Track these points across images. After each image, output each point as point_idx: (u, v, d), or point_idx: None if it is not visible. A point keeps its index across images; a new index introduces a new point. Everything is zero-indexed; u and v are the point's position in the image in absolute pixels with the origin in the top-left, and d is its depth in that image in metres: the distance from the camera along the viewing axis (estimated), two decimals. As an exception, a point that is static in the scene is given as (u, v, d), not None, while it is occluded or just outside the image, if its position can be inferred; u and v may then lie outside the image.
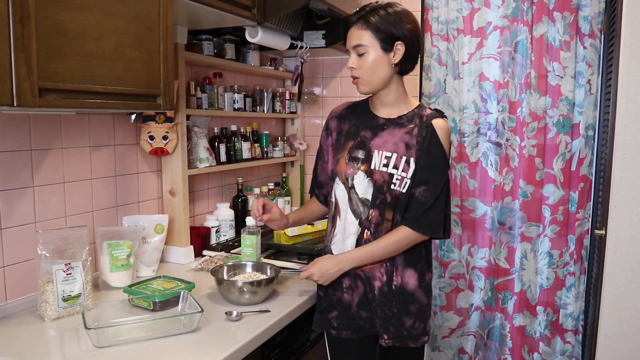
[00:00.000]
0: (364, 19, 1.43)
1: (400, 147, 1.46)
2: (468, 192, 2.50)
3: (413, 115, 1.50)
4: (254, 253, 1.72)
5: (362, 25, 1.43)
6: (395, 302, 1.48)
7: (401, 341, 1.50)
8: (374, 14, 1.42)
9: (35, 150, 1.50)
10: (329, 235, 1.57)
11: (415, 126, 1.47)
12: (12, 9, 0.99)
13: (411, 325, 1.50)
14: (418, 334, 1.51)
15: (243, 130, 2.33)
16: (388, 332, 1.49)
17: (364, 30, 1.43)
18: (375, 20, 1.41)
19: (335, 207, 1.54)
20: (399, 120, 1.49)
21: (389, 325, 1.49)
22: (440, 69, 2.47)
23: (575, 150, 2.35)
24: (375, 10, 1.43)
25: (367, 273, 1.49)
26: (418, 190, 1.45)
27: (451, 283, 2.56)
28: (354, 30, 1.45)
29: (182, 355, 1.21)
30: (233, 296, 1.51)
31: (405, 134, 1.47)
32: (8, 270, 1.44)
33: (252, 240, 1.72)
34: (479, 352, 2.58)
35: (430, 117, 1.47)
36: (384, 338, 1.50)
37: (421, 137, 1.45)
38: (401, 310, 1.49)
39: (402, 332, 1.50)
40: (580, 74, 2.30)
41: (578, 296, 2.40)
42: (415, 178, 1.45)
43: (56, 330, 1.33)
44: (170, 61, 1.41)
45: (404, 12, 1.45)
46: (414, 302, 1.50)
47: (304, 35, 2.37)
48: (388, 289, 1.48)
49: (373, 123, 1.52)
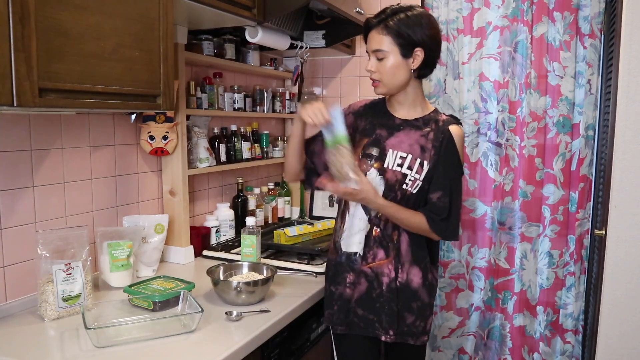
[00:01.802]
0: (384, 23, 1.43)
1: (415, 149, 1.47)
2: (468, 192, 2.50)
3: (429, 119, 1.51)
4: (253, 253, 1.72)
5: (383, 30, 1.43)
6: (400, 298, 1.50)
7: (402, 337, 1.52)
8: (394, 19, 1.42)
9: (35, 150, 1.50)
10: (339, 231, 1.58)
11: (431, 130, 1.49)
12: (12, 9, 0.99)
13: (412, 322, 1.51)
14: (418, 332, 1.53)
15: (243, 130, 2.33)
16: (393, 328, 1.51)
17: (384, 36, 1.42)
18: (395, 25, 1.41)
19: (345, 202, 1.56)
20: (415, 122, 1.51)
21: (394, 321, 1.50)
22: (440, 69, 2.47)
23: (575, 150, 2.35)
24: (396, 14, 1.42)
25: (376, 269, 1.50)
26: (435, 196, 1.47)
27: (451, 283, 2.56)
28: (374, 34, 1.44)
29: (182, 355, 1.21)
30: (230, 296, 1.52)
31: (421, 137, 1.48)
32: (8, 270, 1.44)
33: (252, 240, 1.72)
34: (479, 352, 2.58)
35: (446, 122, 1.49)
36: (390, 334, 1.51)
37: (438, 142, 1.47)
38: (403, 307, 1.50)
39: (403, 329, 1.52)
40: (580, 74, 2.30)
41: (578, 296, 2.40)
42: (432, 183, 1.47)
43: (56, 330, 1.33)
44: (170, 61, 1.41)
45: (425, 16, 1.44)
46: (416, 299, 1.51)
47: (304, 35, 2.37)
48: (395, 285, 1.50)
49: (389, 122, 1.53)
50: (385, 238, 1.50)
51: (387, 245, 1.50)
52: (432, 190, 1.48)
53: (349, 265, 1.54)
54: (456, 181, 1.50)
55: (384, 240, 1.50)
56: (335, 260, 1.59)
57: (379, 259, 1.51)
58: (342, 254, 1.56)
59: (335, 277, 1.57)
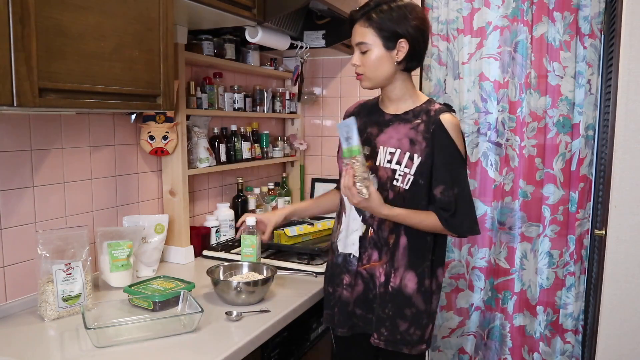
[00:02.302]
0: (367, 15, 1.40)
1: (404, 143, 1.43)
2: (468, 192, 2.50)
3: (420, 110, 1.46)
4: (253, 253, 1.72)
5: (365, 22, 1.40)
6: (391, 304, 1.45)
7: (394, 345, 1.46)
8: (377, 10, 1.39)
9: (35, 150, 1.50)
10: (336, 232, 1.58)
11: (421, 122, 1.43)
12: (12, 9, 0.99)
13: (405, 330, 1.45)
14: (414, 340, 1.46)
15: (243, 130, 2.33)
16: (379, 333, 1.47)
17: (366, 28, 1.40)
18: (378, 17, 1.38)
19: (341, 203, 1.55)
20: (405, 115, 1.47)
21: (381, 326, 1.47)
22: (440, 69, 2.47)
23: (575, 150, 2.35)
24: (379, 5, 1.40)
25: (370, 270, 1.49)
26: (438, 191, 1.41)
27: (451, 283, 2.56)
28: (358, 27, 1.42)
29: (182, 355, 1.21)
30: (230, 296, 1.51)
31: (410, 130, 1.43)
32: (8, 270, 1.44)
33: (251, 240, 1.72)
34: (479, 352, 2.58)
35: (437, 112, 1.42)
36: (374, 337, 1.48)
37: (429, 133, 1.41)
38: (396, 313, 1.45)
39: (396, 336, 1.46)
40: (580, 74, 2.30)
41: (578, 296, 2.40)
42: (433, 178, 1.41)
43: (56, 330, 1.33)
44: (170, 61, 1.40)
45: (410, 7, 1.40)
46: (410, 306, 1.45)
47: (304, 35, 2.37)
48: (384, 290, 1.46)
49: (380, 119, 1.50)
50: (380, 240, 1.47)
51: (381, 247, 1.47)
52: (434, 185, 1.42)
53: (345, 267, 1.52)
54: (458, 171, 1.42)
55: (378, 242, 1.47)
56: (332, 261, 1.58)
57: (373, 260, 1.48)
58: (338, 255, 1.55)
59: (332, 277, 1.56)
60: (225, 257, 1.98)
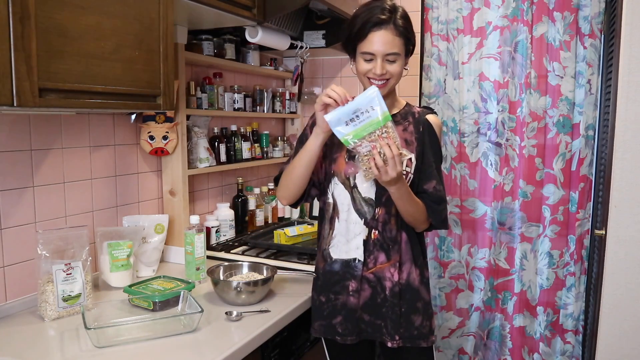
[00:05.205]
0: (394, 23, 1.34)
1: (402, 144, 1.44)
2: (468, 192, 2.50)
3: (406, 112, 1.51)
4: (196, 251, 1.68)
5: (394, 30, 1.35)
6: (404, 300, 1.47)
7: (412, 341, 1.47)
8: (400, 18, 1.36)
9: (35, 150, 1.50)
10: (327, 238, 1.52)
11: (409, 123, 1.48)
12: (12, 9, 0.99)
13: (420, 323, 1.48)
14: (427, 332, 1.49)
15: (243, 130, 2.33)
16: (399, 333, 1.47)
17: (396, 37, 1.35)
18: (403, 26, 1.36)
19: (334, 208, 1.49)
20: (394, 118, 1.48)
21: (399, 326, 1.46)
22: (440, 68, 2.47)
23: (575, 150, 2.35)
24: (397, 10, 1.37)
25: (378, 273, 1.47)
26: (431, 185, 1.45)
27: (451, 283, 2.56)
28: (386, 34, 1.34)
29: (182, 355, 1.21)
30: (230, 296, 1.51)
31: (403, 131, 1.47)
32: (8, 270, 1.44)
33: (191, 238, 1.68)
34: (478, 353, 2.58)
35: (423, 113, 1.50)
36: (395, 339, 1.46)
37: (419, 133, 1.47)
38: (409, 309, 1.47)
39: (413, 332, 1.47)
40: (580, 74, 2.30)
41: (578, 296, 2.40)
42: (423, 173, 1.46)
43: (56, 330, 1.33)
44: (170, 61, 1.41)
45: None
46: (419, 299, 1.49)
47: (304, 35, 2.37)
48: (399, 288, 1.47)
49: None
50: (386, 240, 1.46)
51: (388, 247, 1.46)
52: (425, 180, 1.45)
53: (349, 273, 1.48)
54: (440, 169, 1.50)
55: (384, 242, 1.46)
56: (323, 268, 1.52)
57: (380, 262, 1.46)
58: (333, 262, 1.49)
59: (327, 286, 1.51)
60: (225, 257, 1.98)
